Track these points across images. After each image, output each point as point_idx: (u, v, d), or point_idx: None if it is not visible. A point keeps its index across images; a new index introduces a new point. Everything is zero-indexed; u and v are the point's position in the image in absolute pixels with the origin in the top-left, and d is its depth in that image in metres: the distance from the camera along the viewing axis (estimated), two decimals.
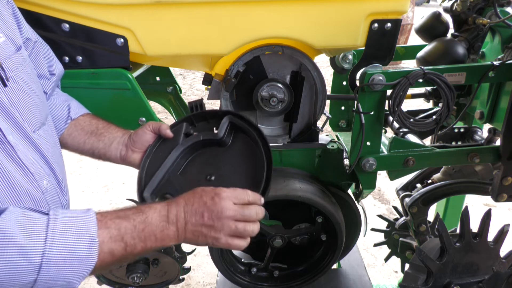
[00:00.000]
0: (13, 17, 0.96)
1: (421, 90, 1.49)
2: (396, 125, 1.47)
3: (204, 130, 1.08)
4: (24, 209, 0.73)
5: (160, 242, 0.82)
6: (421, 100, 1.56)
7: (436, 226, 1.32)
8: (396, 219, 1.95)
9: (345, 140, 1.49)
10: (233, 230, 0.85)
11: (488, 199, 1.53)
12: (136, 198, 1.66)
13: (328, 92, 1.35)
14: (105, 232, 0.76)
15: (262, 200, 0.92)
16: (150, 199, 0.98)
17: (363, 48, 1.19)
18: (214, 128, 1.07)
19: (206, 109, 1.17)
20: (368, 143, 1.23)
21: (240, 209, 0.86)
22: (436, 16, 1.37)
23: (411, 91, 1.33)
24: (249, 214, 0.87)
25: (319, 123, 1.34)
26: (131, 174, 1.07)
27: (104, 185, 3.93)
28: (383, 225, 2.03)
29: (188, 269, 1.54)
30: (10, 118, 0.84)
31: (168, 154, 1.02)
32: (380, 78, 1.13)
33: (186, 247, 1.47)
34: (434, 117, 1.22)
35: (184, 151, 1.04)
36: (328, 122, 1.40)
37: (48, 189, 0.92)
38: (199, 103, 1.16)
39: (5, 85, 0.83)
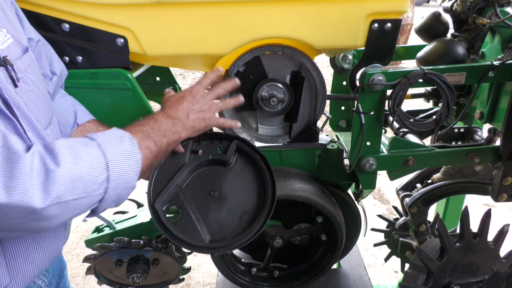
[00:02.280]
0: (17, 18, 0.96)
1: (421, 90, 1.49)
2: (396, 125, 1.47)
3: (207, 148, 1.14)
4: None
5: (177, 135, 0.99)
6: (421, 100, 1.56)
7: (436, 226, 1.32)
8: (396, 219, 1.95)
9: (345, 140, 1.49)
10: (217, 108, 1.07)
11: (488, 199, 1.53)
12: (135, 198, 1.67)
13: (328, 92, 1.35)
14: (135, 135, 0.90)
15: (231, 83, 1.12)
16: (161, 210, 1.02)
17: (363, 48, 1.19)
18: (219, 148, 1.14)
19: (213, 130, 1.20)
20: (368, 143, 1.23)
21: (213, 92, 1.08)
22: (436, 16, 1.37)
23: (411, 91, 1.33)
24: (221, 91, 1.09)
25: (319, 123, 1.34)
26: None
27: None
28: (383, 225, 2.03)
29: (188, 269, 1.54)
30: (25, 116, 0.85)
31: (175, 168, 1.08)
32: (380, 78, 1.13)
33: None
34: (434, 117, 1.22)
35: (192, 168, 1.10)
36: (328, 122, 1.40)
37: None
38: None
39: (15, 86, 0.84)
